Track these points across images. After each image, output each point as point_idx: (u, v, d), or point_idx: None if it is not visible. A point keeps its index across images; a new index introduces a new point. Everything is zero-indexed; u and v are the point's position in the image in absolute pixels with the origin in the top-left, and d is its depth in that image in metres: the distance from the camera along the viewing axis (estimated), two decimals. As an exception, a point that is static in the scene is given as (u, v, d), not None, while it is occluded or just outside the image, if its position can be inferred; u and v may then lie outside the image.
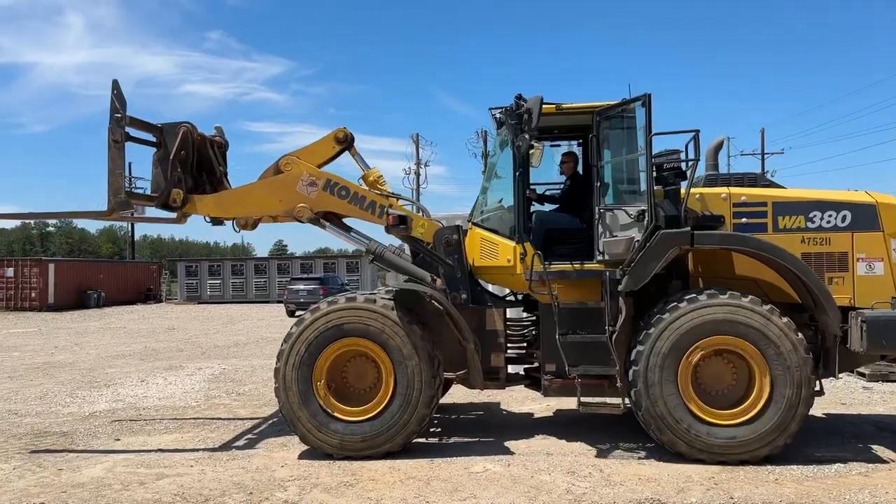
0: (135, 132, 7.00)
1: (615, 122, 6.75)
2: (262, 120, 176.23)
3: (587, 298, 6.64)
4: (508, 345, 7.14)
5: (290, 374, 6.44)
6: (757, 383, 6.04)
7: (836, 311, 6.13)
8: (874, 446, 6.70)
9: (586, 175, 7.16)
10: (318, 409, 6.42)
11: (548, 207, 7.69)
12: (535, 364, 7.10)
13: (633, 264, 6.22)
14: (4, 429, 8.03)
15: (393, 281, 8.58)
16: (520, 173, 6.72)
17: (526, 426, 7.68)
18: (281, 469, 6.18)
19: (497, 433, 7.34)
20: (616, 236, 6.48)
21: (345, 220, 7.48)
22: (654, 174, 6.40)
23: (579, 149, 7.72)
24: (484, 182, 7.38)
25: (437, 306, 6.61)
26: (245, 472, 6.13)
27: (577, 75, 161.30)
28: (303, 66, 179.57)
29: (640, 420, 6.21)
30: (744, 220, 6.55)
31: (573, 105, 6.87)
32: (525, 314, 7.76)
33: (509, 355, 7.18)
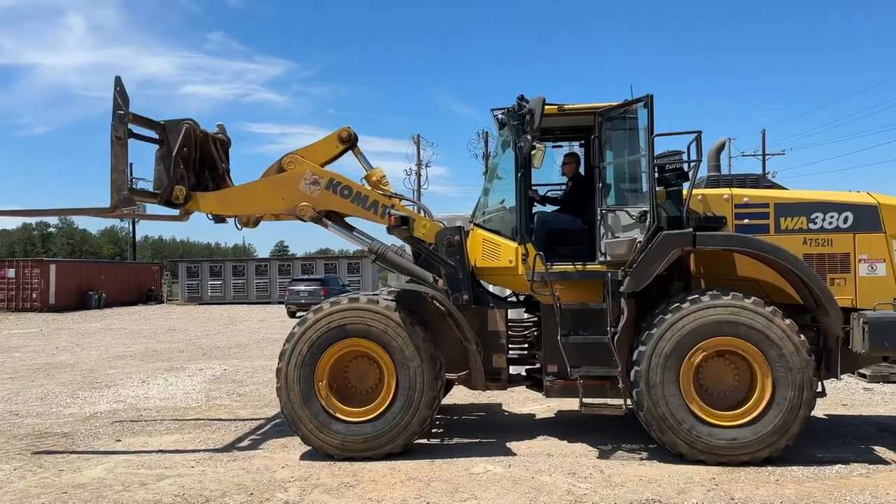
0: (137, 129, 6.99)
1: (617, 122, 6.74)
2: (263, 121, 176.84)
3: (589, 299, 6.64)
4: (510, 346, 7.13)
5: (291, 373, 6.43)
6: (759, 385, 6.03)
7: (837, 312, 6.13)
8: (875, 447, 6.70)
9: (588, 176, 7.15)
10: (320, 409, 6.41)
11: (549, 208, 7.69)
12: (537, 365, 7.09)
13: (634, 265, 6.22)
14: (5, 429, 8.03)
15: (395, 282, 8.57)
16: (522, 174, 6.72)
17: (527, 427, 7.68)
18: (282, 470, 6.18)
19: (498, 434, 7.33)
20: (618, 237, 6.47)
21: (347, 220, 7.47)
22: (656, 175, 6.41)
23: (581, 150, 7.72)
24: (486, 183, 7.38)
25: (439, 307, 6.61)
26: (246, 472, 6.12)
27: (578, 76, 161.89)
28: (304, 68, 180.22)
29: (642, 420, 6.20)
30: (746, 221, 6.55)
31: (575, 106, 6.86)
32: (527, 315, 7.76)
33: (511, 356, 7.17)
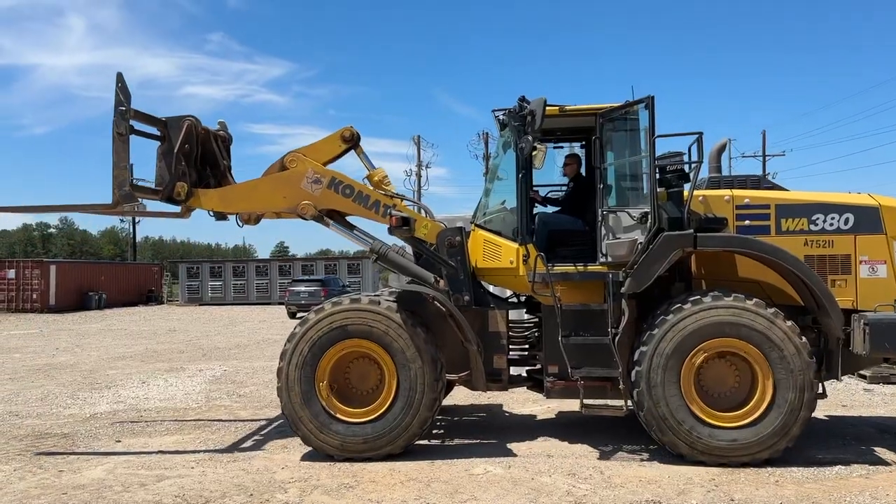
0: (139, 125, 6.98)
1: (618, 124, 6.74)
2: (264, 122, 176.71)
3: (590, 300, 6.63)
4: (511, 346, 7.13)
5: (292, 373, 6.43)
6: (759, 386, 6.03)
7: (838, 313, 6.13)
8: (875, 448, 6.70)
9: (589, 177, 7.15)
10: (321, 409, 6.40)
11: (550, 209, 7.68)
12: (538, 366, 7.09)
13: (635, 266, 6.22)
14: (5, 430, 8.02)
15: (396, 282, 8.57)
16: (523, 175, 6.71)
17: (528, 428, 7.67)
18: (282, 471, 6.17)
19: (499, 435, 7.33)
20: (619, 238, 6.47)
21: (348, 219, 7.47)
22: (657, 176, 6.41)
23: (582, 151, 7.72)
24: (487, 184, 7.38)
25: (440, 308, 6.60)
26: (246, 473, 6.12)
27: (578, 76, 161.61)
28: (304, 68, 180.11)
29: (642, 421, 6.20)
30: (747, 222, 6.55)
31: (576, 107, 6.87)
32: (527, 316, 7.75)
33: (512, 357, 7.17)
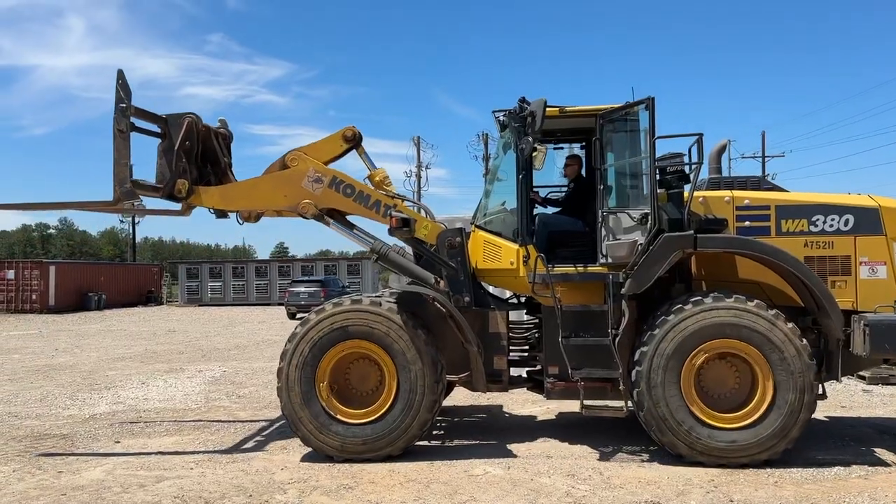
0: (140, 123, 6.97)
1: (618, 125, 6.74)
2: (263, 122, 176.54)
3: (590, 301, 6.62)
4: (511, 347, 7.13)
5: (293, 374, 6.42)
6: (760, 387, 6.03)
7: (838, 314, 6.13)
8: (874, 449, 6.70)
9: (589, 178, 7.14)
10: (320, 410, 6.39)
11: (550, 210, 7.68)
12: (538, 367, 7.09)
13: (636, 267, 6.21)
14: (4, 431, 8.01)
15: (396, 283, 8.56)
16: (523, 176, 6.71)
17: (528, 429, 7.66)
18: (281, 472, 6.16)
19: (498, 436, 7.32)
20: (619, 239, 6.46)
21: (349, 219, 7.45)
22: (658, 177, 6.41)
23: (582, 151, 7.72)
24: (487, 185, 7.38)
25: (441, 309, 6.60)
26: (245, 474, 6.11)
27: (578, 77, 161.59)
28: (304, 69, 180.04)
29: (642, 421, 6.19)
30: (747, 223, 6.55)
31: (576, 108, 6.87)
32: (526, 317, 7.75)
33: (512, 358, 7.16)
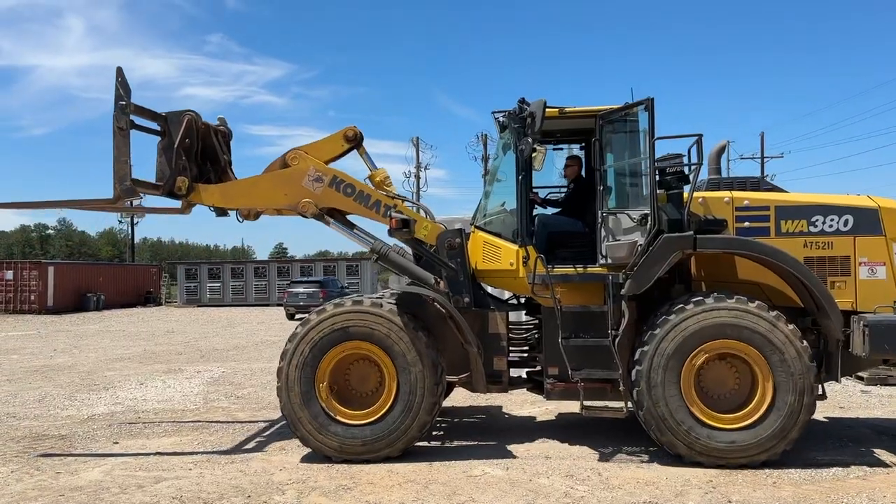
0: (139, 120, 6.97)
1: (618, 125, 6.74)
2: (263, 123, 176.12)
3: (590, 302, 6.62)
4: (511, 348, 7.12)
5: (292, 373, 6.41)
6: (759, 389, 6.02)
7: (838, 315, 6.13)
8: (872, 450, 6.69)
9: (589, 179, 7.14)
10: (320, 410, 6.38)
11: (550, 211, 7.67)
12: (538, 368, 7.08)
13: (635, 268, 6.21)
14: (3, 432, 7.99)
15: (396, 284, 8.55)
16: (522, 176, 6.70)
17: (527, 430, 7.66)
18: (279, 472, 6.15)
19: (498, 437, 7.31)
20: (619, 240, 6.46)
21: (349, 219, 7.44)
22: (657, 178, 6.40)
23: (581, 152, 7.72)
24: (486, 185, 7.37)
25: (440, 309, 6.59)
26: (243, 475, 6.10)
27: (577, 77, 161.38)
28: (303, 70, 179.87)
29: (641, 420, 6.19)
30: (746, 224, 6.55)
31: (576, 109, 6.86)
32: (525, 317, 7.74)
33: (512, 359, 7.16)
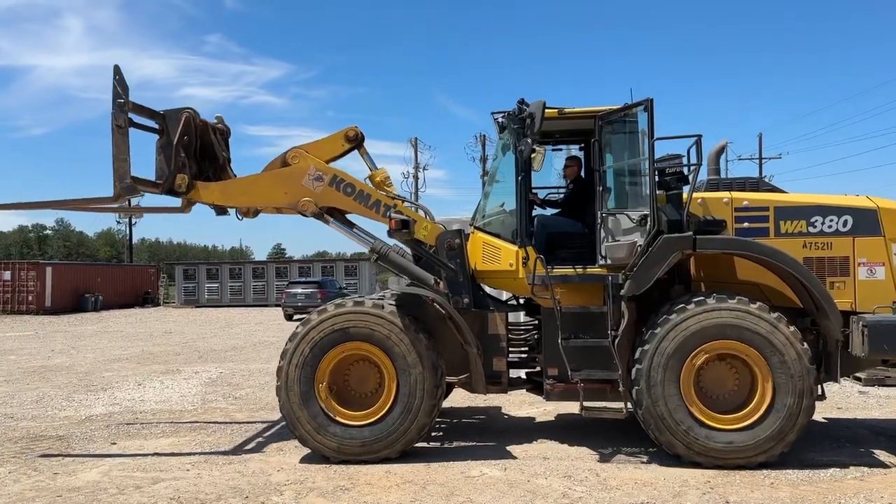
0: (138, 118, 6.95)
1: (617, 126, 6.74)
2: (261, 123, 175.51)
3: (589, 303, 6.61)
4: (510, 349, 7.10)
5: (292, 373, 6.39)
6: (759, 390, 6.02)
7: (837, 315, 6.13)
8: (870, 451, 6.69)
9: (589, 179, 7.14)
10: (319, 410, 6.37)
11: (550, 211, 7.66)
12: (538, 368, 7.07)
13: (635, 269, 6.21)
14: (0, 433, 7.96)
15: (395, 285, 8.54)
16: (522, 177, 6.70)
17: (526, 430, 7.65)
18: (277, 473, 6.14)
19: (496, 437, 7.30)
20: (618, 241, 6.46)
21: (349, 219, 7.42)
22: (657, 179, 6.40)
23: (580, 153, 7.71)
24: (486, 186, 7.37)
25: (440, 310, 6.58)
26: (241, 476, 6.08)
27: (576, 77, 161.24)
28: (302, 70, 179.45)
29: (640, 419, 6.18)
30: (746, 224, 6.55)
31: (575, 109, 6.86)
32: (523, 318, 7.73)
33: (511, 359, 7.15)
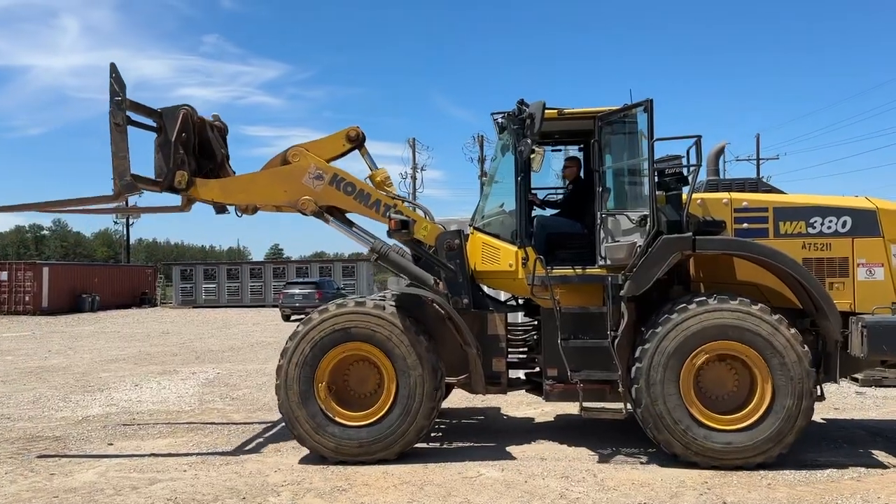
0: (135, 116, 6.93)
1: (617, 127, 6.73)
2: (258, 124, 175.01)
3: (589, 303, 6.61)
4: (510, 349, 7.09)
5: (292, 372, 6.38)
6: (758, 391, 6.02)
7: (836, 316, 6.12)
8: (867, 451, 6.69)
9: (588, 180, 7.13)
10: (318, 410, 6.35)
11: (549, 212, 7.65)
12: (537, 369, 7.06)
13: (635, 269, 6.20)
14: (-4, 432, 7.94)
15: (395, 286, 8.51)
16: (521, 178, 6.68)
17: (525, 431, 7.63)
18: (274, 474, 6.12)
19: (495, 438, 7.29)
20: (618, 241, 6.45)
21: (349, 218, 7.40)
22: (656, 179, 6.39)
23: (580, 153, 7.71)
24: (485, 187, 7.36)
25: (439, 310, 6.57)
26: (238, 476, 6.06)
27: (576, 79, 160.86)
28: (299, 70, 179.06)
29: (639, 418, 6.17)
30: (745, 225, 6.55)
31: (575, 110, 6.85)
32: (521, 318, 7.71)
33: (510, 360, 7.13)
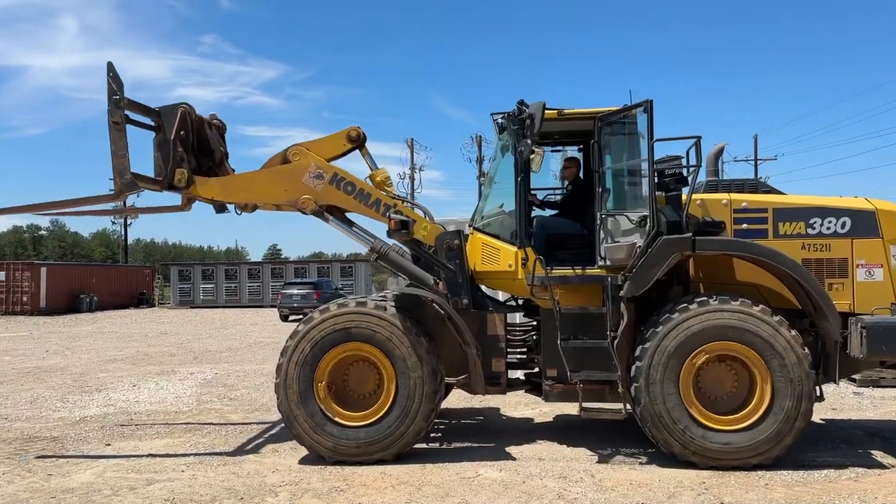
0: (134, 115, 6.92)
1: (616, 127, 6.73)
2: (257, 124, 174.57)
3: (588, 304, 6.60)
4: (509, 350, 7.08)
5: (292, 371, 6.36)
6: (758, 392, 6.01)
7: (836, 317, 6.12)
8: (864, 451, 6.69)
9: (588, 180, 7.12)
10: (317, 409, 6.34)
11: (549, 213, 7.65)
12: (536, 369, 7.05)
13: (634, 270, 6.20)
14: (-6, 433, 7.91)
15: (395, 286, 8.50)
16: (521, 178, 6.68)
17: (524, 431, 7.62)
18: (272, 474, 6.10)
19: (494, 438, 7.28)
20: (618, 242, 6.44)
21: (349, 217, 7.39)
22: (656, 180, 6.39)
23: (579, 154, 7.70)
24: (485, 187, 7.35)
25: (439, 310, 6.56)
26: (236, 477, 6.05)
27: (575, 79, 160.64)
28: (298, 70, 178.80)
29: (637, 416, 6.16)
30: (744, 226, 6.56)
31: (575, 111, 6.85)
32: (520, 318, 7.70)
33: (510, 360, 7.12)
